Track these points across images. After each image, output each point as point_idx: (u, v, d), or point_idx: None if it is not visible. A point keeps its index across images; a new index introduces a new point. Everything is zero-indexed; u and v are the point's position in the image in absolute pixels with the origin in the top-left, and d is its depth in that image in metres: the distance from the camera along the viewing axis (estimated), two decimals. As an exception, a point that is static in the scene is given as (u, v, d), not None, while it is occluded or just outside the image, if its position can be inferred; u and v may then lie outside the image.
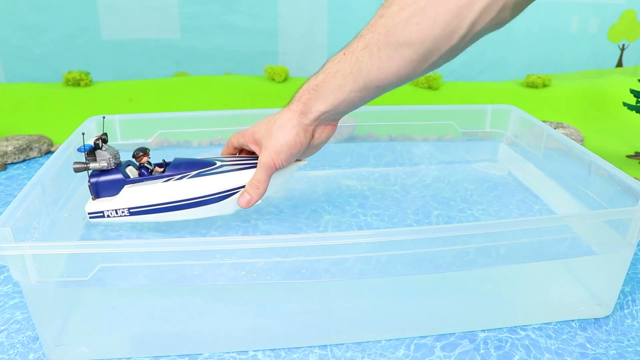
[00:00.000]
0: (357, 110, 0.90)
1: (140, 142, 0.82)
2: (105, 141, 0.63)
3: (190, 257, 0.49)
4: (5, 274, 0.65)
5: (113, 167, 0.63)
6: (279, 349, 0.54)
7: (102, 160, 0.62)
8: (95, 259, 0.48)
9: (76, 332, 0.54)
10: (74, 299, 0.55)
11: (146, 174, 0.64)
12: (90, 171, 0.63)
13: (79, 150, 0.62)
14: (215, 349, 0.54)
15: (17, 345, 0.54)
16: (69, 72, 1.21)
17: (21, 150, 0.95)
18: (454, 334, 0.56)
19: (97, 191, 0.63)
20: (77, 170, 0.62)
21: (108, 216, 0.63)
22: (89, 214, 0.63)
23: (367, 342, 0.55)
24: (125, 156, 0.66)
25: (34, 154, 0.97)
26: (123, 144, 0.81)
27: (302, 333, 0.55)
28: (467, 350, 0.54)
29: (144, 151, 0.64)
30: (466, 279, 0.57)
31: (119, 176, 0.62)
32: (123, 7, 1.29)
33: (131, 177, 0.64)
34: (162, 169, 0.64)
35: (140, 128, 0.82)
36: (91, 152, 0.62)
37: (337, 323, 0.56)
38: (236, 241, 0.49)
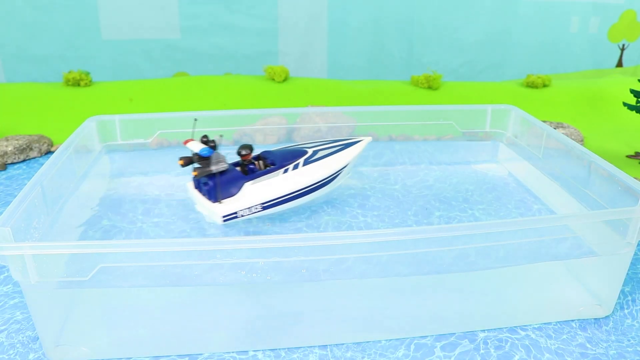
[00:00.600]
0: (357, 110, 0.90)
1: (140, 142, 0.82)
2: (207, 142, 0.63)
3: (190, 257, 0.49)
4: (5, 274, 0.65)
5: (226, 168, 0.63)
6: (279, 349, 0.54)
7: (220, 162, 0.62)
8: (95, 259, 0.48)
9: (76, 332, 0.54)
10: (74, 299, 0.55)
11: (255, 169, 0.64)
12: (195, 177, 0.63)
13: (201, 153, 0.61)
14: (215, 349, 0.54)
15: (17, 345, 0.54)
16: (69, 72, 1.21)
17: (21, 150, 0.95)
18: (454, 334, 0.56)
19: (216, 194, 0.62)
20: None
21: (242, 215, 0.63)
22: (223, 217, 0.62)
23: (367, 342, 0.55)
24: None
25: (34, 154, 0.97)
26: (123, 144, 0.82)
27: (302, 333, 0.55)
28: (467, 350, 0.54)
29: (250, 148, 0.64)
30: (466, 279, 0.57)
31: (237, 175, 0.62)
32: (123, 7, 1.29)
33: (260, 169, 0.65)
34: (262, 162, 0.66)
35: (140, 128, 0.82)
36: (203, 157, 0.62)
37: (337, 323, 0.56)
38: (236, 241, 0.49)
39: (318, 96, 1.22)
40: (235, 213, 0.62)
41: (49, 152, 0.99)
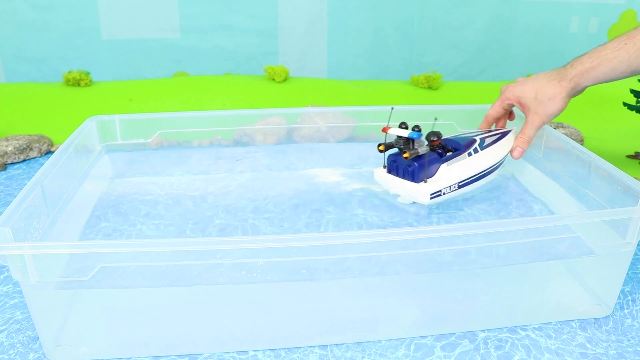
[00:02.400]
0: (357, 110, 0.91)
1: (141, 142, 0.82)
2: (406, 128, 0.69)
3: (190, 257, 0.49)
4: (5, 274, 0.65)
5: (426, 151, 0.69)
6: (279, 349, 0.54)
7: (422, 146, 0.69)
8: (95, 259, 0.48)
9: (76, 332, 0.54)
10: (74, 299, 0.55)
11: (444, 154, 0.72)
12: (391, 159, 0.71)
13: (412, 136, 0.68)
14: (215, 349, 0.54)
15: (17, 345, 0.54)
16: (69, 72, 1.21)
17: (21, 150, 0.95)
18: (454, 334, 0.56)
19: (420, 174, 0.69)
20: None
21: (444, 193, 0.70)
22: (431, 194, 0.69)
23: (367, 342, 0.55)
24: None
25: (34, 154, 0.97)
26: (123, 144, 0.82)
27: (302, 333, 0.55)
28: (467, 350, 0.54)
29: (438, 135, 0.70)
30: (466, 279, 0.57)
31: (435, 157, 0.70)
32: (123, 7, 1.29)
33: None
34: (447, 149, 0.73)
35: (140, 128, 0.82)
36: (407, 142, 0.69)
37: (337, 323, 0.56)
38: (236, 241, 0.49)
39: (318, 96, 1.22)
40: (440, 191, 0.69)
41: (49, 152, 0.99)
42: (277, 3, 1.34)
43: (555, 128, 1.01)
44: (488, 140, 0.75)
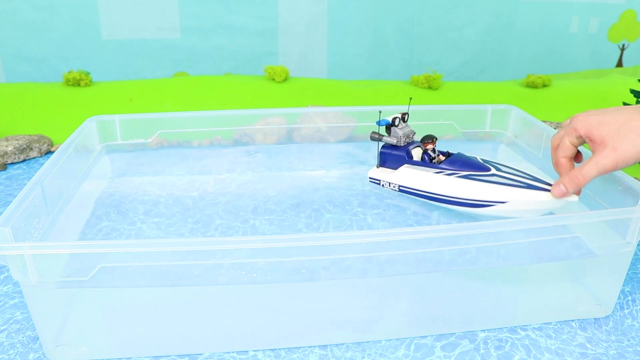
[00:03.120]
0: (357, 110, 0.90)
1: (141, 142, 0.82)
2: (404, 120, 0.71)
3: (190, 257, 0.49)
4: (5, 274, 0.65)
5: (402, 145, 0.70)
6: (279, 349, 0.54)
7: (393, 137, 0.70)
8: (95, 259, 0.48)
9: (76, 332, 0.54)
10: (74, 299, 0.55)
11: (427, 160, 0.70)
12: (382, 143, 0.71)
13: (377, 123, 0.69)
14: (215, 349, 0.54)
15: (17, 345, 0.54)
16: (69, 72, 1.21)
17: (21, 150, 0.95)
18: (454, 334, 0.56)
19: (382, 161, 0.71)
20: (372, 138, 0.71)
21: (382, 186, 0.71)
22: (370, 178, 0.72)
23: (367, 342, 0.55)
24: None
25: (34, 154, 0.97)
26: (123, 144, 0.81)
27: (302, 333, 0.55)
28: (467, 350, 0.54)
29: (431, 139, 0.70)
30: (466, 279, 0.57)
31: (401, 154, 0.70)
32: (123, 7, 1.29)
33: (414, 158, 0.70)
34: (443, 159, 0.70)
35: (140, 128, 0.82)
36: (388, 127, 0.70)
37: (337, 323, 0.56)
38: (236, 241, 0.49)
39: (318, 96, 1.22)
40: (379, 181, 0.71)
41: (49, 152, 0.99)
42: (277, 3, 1.34)
43: (555, 128, 1.01)
44: (503, 180, 0.64)
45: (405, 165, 0.70)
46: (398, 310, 0.57)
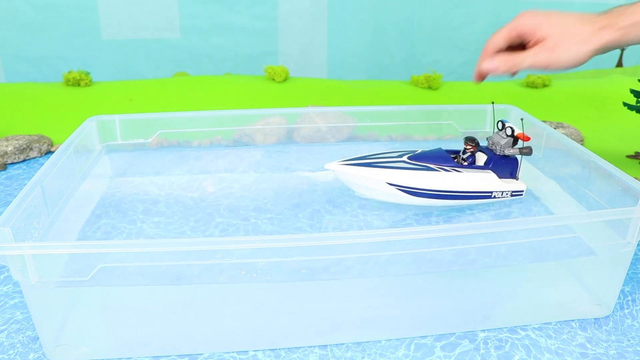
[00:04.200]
0: (357, 110, 0.90)
1: (141, 142, 0.82)
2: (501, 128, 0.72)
3: (190, 257, 0.49)
4: (5, 274, 0.65)
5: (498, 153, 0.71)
6: (279, 349, 0.54)
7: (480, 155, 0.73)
8: (95, 259, 0.48)
9: (76, 332, 0.54)
10: (74, 299, 0.55)
11: (471, 160, 0.72)
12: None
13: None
14: (215, 349, 0.54)
15: (17, 345, 0.54)
16: (69, 72, 1.21)
17: (21, 150, 0.95)
18: (454, 334, 0.56)
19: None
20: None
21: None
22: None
23: (367, 342, 0.55)
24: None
25: (34, 154, 0.97)
26: (123, 144, 0.81)
27: (302, 333, 0.55)
28: (467, 350, 0.54)
29: (474, 141, 0.71)
30: (466, 279, 0.57)
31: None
32: (123, 7, 1.29)
33: (476, 163, 0.73)
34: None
35: (140, 128, 0.82)
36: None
37: (337, 323, 0.56)
38: (236, 241, 0.49)
39: (318, 96, 1.22)
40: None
41: (49, 152, 0.99)
42: (277, 3, 1.34)
43: (555, 128, 1.01)
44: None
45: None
46: (398, 310, 0.57)
